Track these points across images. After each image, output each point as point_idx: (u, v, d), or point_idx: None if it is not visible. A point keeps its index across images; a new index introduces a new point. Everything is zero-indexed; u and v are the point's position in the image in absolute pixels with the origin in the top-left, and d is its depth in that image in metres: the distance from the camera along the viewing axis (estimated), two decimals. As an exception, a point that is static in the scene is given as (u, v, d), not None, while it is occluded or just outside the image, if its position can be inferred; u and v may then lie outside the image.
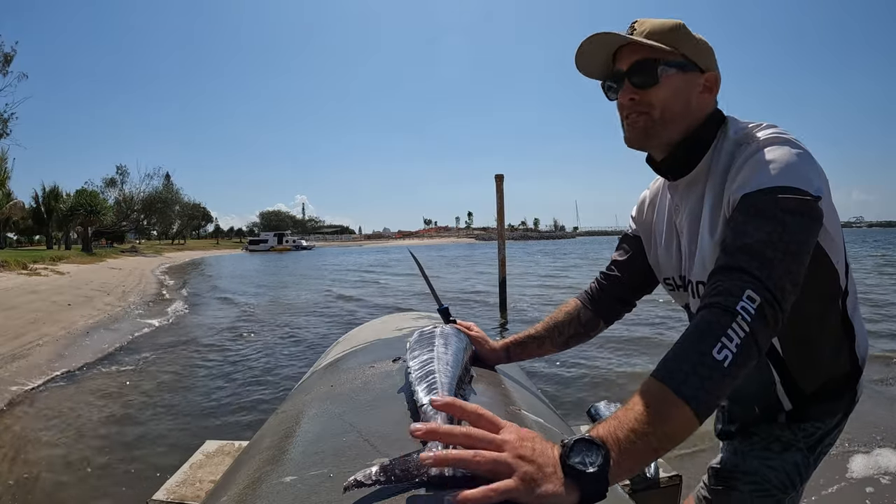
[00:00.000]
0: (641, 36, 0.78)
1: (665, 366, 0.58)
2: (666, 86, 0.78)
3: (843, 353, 0.84)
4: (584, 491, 0.49)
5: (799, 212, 0.65)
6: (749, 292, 0.60)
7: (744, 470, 0.88)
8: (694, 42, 0.80)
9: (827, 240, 0.75)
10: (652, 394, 0.56)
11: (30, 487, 2.69)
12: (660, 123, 0.80)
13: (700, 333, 0.59)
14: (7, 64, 22.19)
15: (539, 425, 0.77)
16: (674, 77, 0.78)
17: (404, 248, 25.29)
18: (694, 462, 2.68)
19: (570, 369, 4.63)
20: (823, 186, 0.70)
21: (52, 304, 8.72)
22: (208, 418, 3.70)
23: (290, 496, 0.53)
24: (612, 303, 1.05)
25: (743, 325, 0.58)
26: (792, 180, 0.67)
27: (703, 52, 0.81)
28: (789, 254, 0.63)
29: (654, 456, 0.54)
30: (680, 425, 0.55)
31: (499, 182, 8.56)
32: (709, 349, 0.56)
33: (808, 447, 0.84)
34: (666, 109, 0.79)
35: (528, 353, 1.07)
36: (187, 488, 1.23)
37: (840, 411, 0.85)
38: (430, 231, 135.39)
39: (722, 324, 0.58)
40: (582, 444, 0.51)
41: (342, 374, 0.97)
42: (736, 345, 0.57)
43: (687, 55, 0.78)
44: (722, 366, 0.56)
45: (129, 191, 42.37)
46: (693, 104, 0.80)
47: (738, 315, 0.58)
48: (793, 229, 0.64)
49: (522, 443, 0.50)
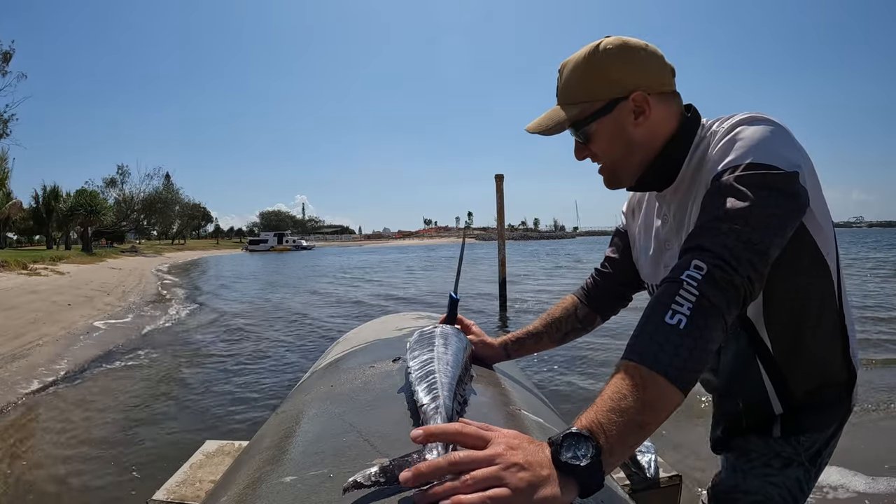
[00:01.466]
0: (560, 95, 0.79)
1: (628, 344, 0.59)
2: (598, 138, 0.78)
3: (836, 357, 0.80)
4: (582, 484, 0.49)
5: (767, 185, 0.63)
6: (695, 262, 0.60)
7: (745, 489, 0.85)
8: (607, 70, 0.75)
9: (816, 229, 0.73)
10: (619, 371, 0.56)
11: (29, 487, 2.68)
12: (614, 169, 0.81)
13: (651, 307, 0.60)
14: (6, 63, 22.16)
15: (538, 425, 0.77)
16: (600, 127, 0.77)
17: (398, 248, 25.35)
18: (694, 462, 2.68)
19: (570, 368, 4.63)
20: (802, 164, 0.67)
21: (52, 304, 8.72)
22: (208, 418, 3.70)
23: (290, 496, 0.53)
24: (608, 298, 1.05)
25: (690, 290, 0.58)
26: (761, 157, 0.65)
27: (621, 73, 0.75)
28: (751, 224, 0.61)
29: (641, 432, 0.53)
30: (656, 393, 0.54)
31: (499, 182, 8.56)
32: (660, 317, 0.57)
33: (808, 460, 0.82)
34: (610, 156, 0.80)
35: (526, 350, 1.08)
36: (187, 488, 1.23)
37: (835, 421, 0.83)
38: (430, 231, 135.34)
39: (669, 293, 0.59)
40: (570, 439, 0.51)
41: (342, 374, 0.97)
42: (688, 308, 0.57)
43: (604, 96, 0.75)
44: (677, 328, 0.56)
45: (129, 191, 42.39)
46: (636, 135, 0.77)
47: (683, 282, 0.59)
48: (759, 203, 0.62)
49: (513, 452, 0.49)
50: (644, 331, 0.58)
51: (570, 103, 0.78)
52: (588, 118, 0.76)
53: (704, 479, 2.46)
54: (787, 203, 0.64)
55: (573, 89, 0.77)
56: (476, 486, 0.47)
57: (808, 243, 0.74)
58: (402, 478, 0.48)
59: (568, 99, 0.78)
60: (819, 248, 0.75)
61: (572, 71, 0.77)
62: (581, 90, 0.77)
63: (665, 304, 0.58)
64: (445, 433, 0.52)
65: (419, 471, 0.48)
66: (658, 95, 0.77)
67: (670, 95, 0.79)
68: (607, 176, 0.83)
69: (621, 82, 0.75)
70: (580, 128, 0.78)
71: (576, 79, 0.77)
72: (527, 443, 0.52)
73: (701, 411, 3.24)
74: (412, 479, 0.47)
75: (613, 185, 0.84)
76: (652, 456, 1.27)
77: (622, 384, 0.55)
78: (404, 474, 0.48)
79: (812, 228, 0.73)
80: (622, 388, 0.54)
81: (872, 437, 2.99)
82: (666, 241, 0.87)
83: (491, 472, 0.47)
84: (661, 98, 0.77)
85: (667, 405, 0.55)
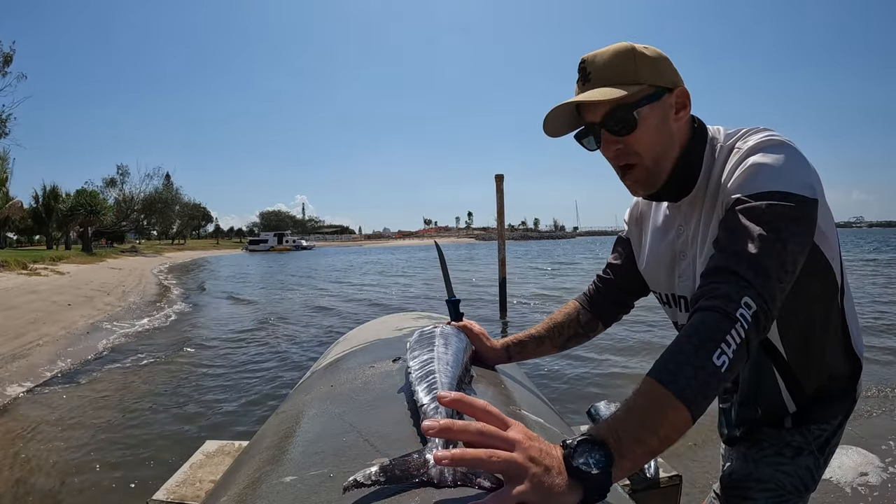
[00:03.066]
0: (598, 79, 0.74)
1: (666, 368, 0.58)
2: (645, 126, 0.74)
3: (841, 352, 0.84)
4: (588, 492, 0.50)
5: (794, 218, 0.66)
6: (747, 299, 0.60)
7: (757, 478, 0.88)
8: (651, 62, 0.74)
9: (822, 240, 0.75)
10: (653, 396, 0.56)
11: (29, 488, 2.69)
12: (653, 168, 0.78)
13: (701, 337, 0.59)
14: (6, 64, 22.14)
15: (539, 425, 0.77)
16: (650, 113, 0.74)
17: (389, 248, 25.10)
18: (694, 462, 2.68)
19: (570, 369, 4.63)
20: (817, 187, 0.70)
21: (52, 304, 8.72)
22: (208, 418, 3.70)
23: (290, 496, 0.53)
24: (609, 305, 1.06)
25: (741, 332, 0.59)
26: (786, 185, 0.67)
27: (663, 67, 0.75)
28: (782, 263, 0.63)
29: (652, 456, 0.55)
30: (678, 427, 0.55)
31: (499, 182, 8.56)
32: (709, 354, 0.57)
33: (818, 449, 0.85)
34: (653, 151, 0.76)
35: (527, 353, 1.07)
36: (187, 488, 1.23)
37: (842, 412, 0.86)
38: (430, 231, 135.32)
39: (723, 329, 0.58)
40: (585, 445, 0.51)
41: (342, 374, 0.97)
42: (733, 351, 0.58)
43: (652, 82, 0.74)
44: (720, 371, 0.57)
45: (130, 191, 42.37)
46: (675, 131, 0.77)
47: (737, 322, 0.59)
48: (786, 237, 0.64)
49: (531, 443, 0.50)
50: (689, 362, 0.57)
51: (621, 83, 0.73)
52: (641, 101, 0.73)
53: (705, 480, 2.47)
54: (808, 232, 0.68)
55: (621, 70, 0.73)
56: (499, 465, 0.47)
57: (815, 254, 0.75)
58: (424, 426, 0.49)
59: (614, 80, 0.73)
60: (825, 256, 0.77)
61: (616, 56, 0.74)
62: (630, 73, 0.73)
63: (716, 342, 0.58)
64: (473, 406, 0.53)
65: (447, 426, 0.48)
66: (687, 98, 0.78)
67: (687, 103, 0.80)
68: (643, 176, 0.78)
69: (665, 75, 0.75)
70: (631, 111, 0.73)
71: (622, 63, 0.74)
72: (541, 440, 0.52)
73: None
74: (438, 430, 0.48)
75: (647, 187, 0.80)
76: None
77: (654, 410, 0.55)
78: (427, 423, 0.48)
79: (818, 239, 0.74)
80: (652, 414, 0.55)
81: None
82: (681, 252, 0.87)
83: (513, 456, 0.48)
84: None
85: (680, 436, 0.56)
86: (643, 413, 0.55)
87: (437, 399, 0.53)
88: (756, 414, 0.89)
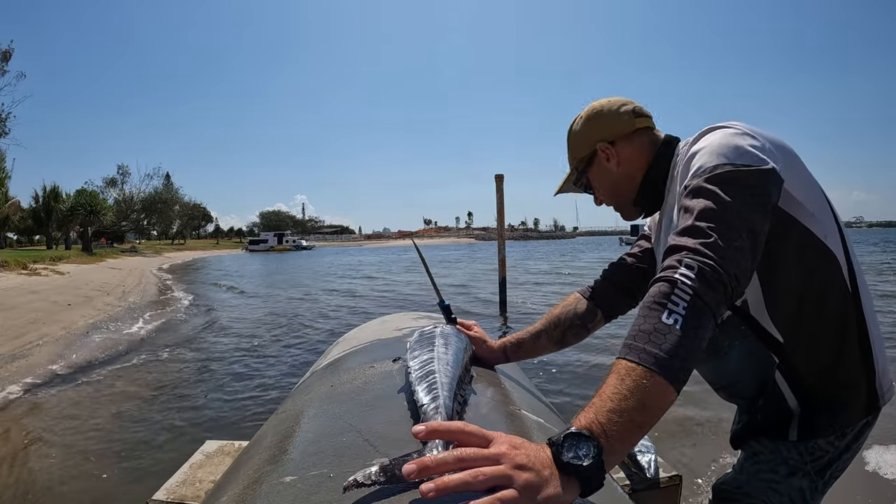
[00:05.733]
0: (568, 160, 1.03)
1: (624, 344, 0.59)
2: (595, 181, 0.99)
3: (851, 349, 0.79)
4: (584, 484, 0.50)
5: (733, 181, 0.67)
6: (687, 260, 0.62)
7: (746, 491, 0.87)
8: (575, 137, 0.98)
9: (799, 211, 0.74)
10: (618, 372, 0.56)
11: (29, 487, 2.68)
12: (618, 203, 0.99)
13: (647, 307, 0.61)
14: (5, 62, 22.03)
15: (539, 425, 0.77)
16: (593, 172, 0.98)
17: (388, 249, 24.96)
18: (694, 462, 2.68)
19: (570, 369, 4.63)
20: (768, 157, 0.71)
21: (52, 304, 8.72)
22: (208, 418, 3.70)
23: (290, 496, 0.53)
24: (617, 293, 1.06)
25: (685, 289, 0.59)
26: (725, 158, 0.70)
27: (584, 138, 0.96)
28: (726, 222, 0.64)
29: (641, 431, 0.54)
30: (654, 394, 0.54)
31: (499, 182, 8.56)
32: (658, 316, 0.58)
33: (815, 471, 0.82)
34: (610, 193, 0.98)
35: (525, 352, 1.07)
36: (187, 488, 1.23)
37: (850, 427, 0.81)
38: (430, 231, 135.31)
39: (664, 292, 0.60)
40: (570, 439, 0.51)
41: (342, 375, 0.97)
42: (683, 308, 0.58)
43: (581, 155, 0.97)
44: (674, 328, 0.57)
45: (130, 191, 42.32)
46: (622, 171, 0.94)
47: (677, 282, 0.60)
48: (728, 197, 0.66)
49: (516, 451, 0.50)
50: (641, 330, 0.58)
51: (572, 159, 1.01)
52: (582, 172, 0.99)
53: (704, 480, 2.47)
54: (757, 193, 0.68)
55: (569, 154, 1.02)
56: (486, 482, 0.47)
57: (799, 231, 0.75)
58: (405, 470, 0.47)
59: (570, 159, 1.02)
60: (815, 234, 0.76)
61: (568, 139, 1.01)
62: (571, 154, 1.01)
63: (661, 304, 0.59)
64: (449, 430, 0.53)
65: (424, 464, 0.48)
66: (623, 139, 0.93)
67: (635, 134, 0.93)
68: (617, 209, 1.00)
69: (589, 140, 0.96)
70: (580, 179, 1.00)
71: (570, 145, 1.01)
72: (528, 444, 0.52)
73: (701, 414, 3.25)
74: (417, 472, 0.47)
75: (626, 214, 1.00)
76: (652, 456, 1.27)
77: (621, 384, 0.55)
78: (408, 467, 0.48)
79: (800, 215, 0.75)
80: (621, 388, 0.54)
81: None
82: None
83: (499, 470, 0.48)
84: (626, 140, 0.93)
85: (664, 404, 0.55)
86: (614, 390, 0.55)
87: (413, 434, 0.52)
88: (757, 405, 0.86)
